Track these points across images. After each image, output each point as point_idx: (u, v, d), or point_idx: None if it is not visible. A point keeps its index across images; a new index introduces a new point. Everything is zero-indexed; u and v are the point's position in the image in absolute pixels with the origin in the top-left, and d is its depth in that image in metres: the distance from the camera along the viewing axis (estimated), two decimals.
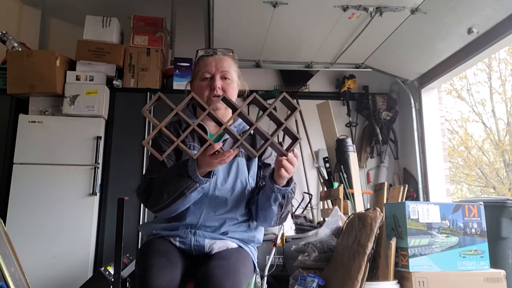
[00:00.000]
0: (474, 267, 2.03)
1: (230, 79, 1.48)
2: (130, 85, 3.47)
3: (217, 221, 1.44)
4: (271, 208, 1.37)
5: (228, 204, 1.44)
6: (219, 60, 1.48)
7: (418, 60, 3.57)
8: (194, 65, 1.57)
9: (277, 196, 1.34)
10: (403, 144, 4.28)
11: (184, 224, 1.43)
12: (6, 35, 3.34)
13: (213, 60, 1.48)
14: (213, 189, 1.42)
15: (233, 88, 1.48)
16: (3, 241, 2.18)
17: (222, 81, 1.46)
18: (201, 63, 1.50)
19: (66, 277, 3.01)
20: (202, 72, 1.48)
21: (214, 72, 1.46)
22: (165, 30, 3.67)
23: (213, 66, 1.47)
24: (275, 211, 1.38)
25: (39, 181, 3.14)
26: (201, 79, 1.48)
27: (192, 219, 1.42)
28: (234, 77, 1.50)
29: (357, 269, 2.00)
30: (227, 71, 1.47)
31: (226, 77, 1.47)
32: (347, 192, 3.35)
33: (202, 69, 1.49)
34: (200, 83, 1.48)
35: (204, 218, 1.43)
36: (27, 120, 3.24)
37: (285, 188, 1.33)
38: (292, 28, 3.12)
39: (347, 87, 4.22)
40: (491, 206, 2.51)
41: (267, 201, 1.36)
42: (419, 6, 2.71)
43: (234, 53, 1.55)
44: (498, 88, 8.57)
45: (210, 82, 1.46)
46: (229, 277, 1.23)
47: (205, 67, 1.48)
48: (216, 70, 1.46)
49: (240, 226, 1.48)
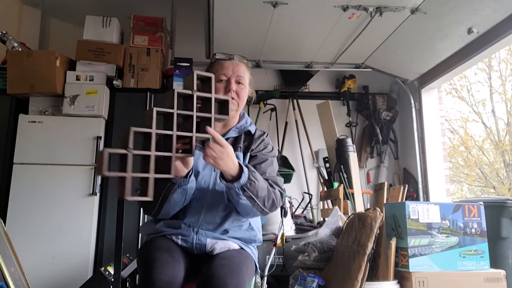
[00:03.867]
0: (474, 267, 2.03)
1: (244, 84, 1.56)
2: (130, 85, 3.46)
3: (218, 218, 1.45)
4: (241, 203, 1.35)
5: (228, 200, 1.44)
6: (235, 65, 1.56)
7: (418, 60, 3.57)
8: (208, 66, 1.62)
9: (236, 191, 1.32)
10: (403, 144, 4.28)
11: (186, 222, 1.44)
12: (6, 35, 3.33)
13: (230, 64, 1.55)
14: (213, 185, 1.45)
15: (245, 93, 1.56)
16: (3, 241, 2.18)
17: (236, 85, 1.53)
18: (217, 66, 1.56)
19: (66, 277, 3.01)
20: (218, 74, 1.53)
21: (230, 75, 1.53)
22: (165, 30, 3.67)
23: (229, 70, 1.53)
24: (247, 204, 1.35)
25: (39, 181, 3.14)
26: (217, 80, 1.52)
27: (193, 216, 1.44)
28: (246, 83, 1.58)
29: (357, 269, 2.00)
30: (242, 76, 1.55)
31: (240, 82, 1.55)
32: (347, 192, 3.35)
33: (218, 71, 1.54)
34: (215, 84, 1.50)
35: (205, 214, 1.44)
36: (27, 120, 3.24)
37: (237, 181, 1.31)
38: (292, 28, 3.12)
39: (347, 87, 4.22)
40: (491, 206, 2.51)
41: (232, 198, 1.37)
42: (419, 6, 2.71)
43: (249, 62, 1.65)
44: (498, 88, 8.58)
45: (226, 84, 1.52)
46: (233, 277, 1.23)
47: (222, 70, 1.54)
48: (232, 74, 1.53)
49: (241, 224, 1.49)
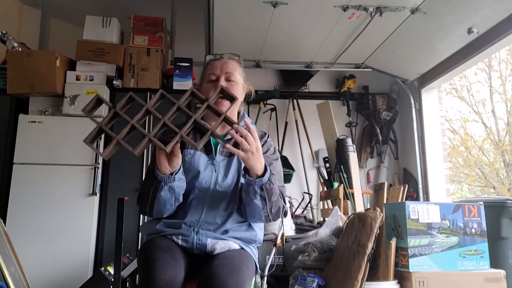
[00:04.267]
0: (474, 267, 2.03)
1: (235, 80, 1.52)
2: (130, 85, 3.46)
3: (219, 218, 1.45)
4: (254, 203, 1.36)
5: (229, 200, 1.45)
6: (224, 63, 1.53)
7: (418, 60, 3.57)
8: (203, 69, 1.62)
9: (255, 189, 1.33)
10: (403, 144, 4.28)
11: (186, 222, 1.44)
12: (6, 35, 3.34)
13: (219, 63, 1.53)
14: (213, 185, 1.45)
15: (237, 89, 1.51)
16: (3, 241, 2.18)
17: (226, 82, 1.50)
18: (208, 67, 1.56)
19: (66, 277, 3.01)
20: (208, 75, 1.54)
21: (219, 74, 1.51)
22: (165, 30, 3.67)
23: (218, 69, 1.52)
24: (259, 205, 1.36)
25: (39, 181, 3.14)
26: (207, 81, 1.53)
27: (194, 215, 1.44)
28: (238, 79, 1.54)
29: (357, 269, 2.00)
30: (231, 73, 1.52)
31: (230, 79, 1.51)
32: (347, 192, 3.35)
33: (208, 72, 1.54)
34: (206, 85, 1.54)
35: (206, 215, 1.44)
36: (27, 120, 3.24)
37: (260, 179, 1.32)
38: (292, 28, 3.12)
39: (347, 87, 4.23)
40: (491, 206, 2.51)
41: (247, 195, 1.37)
42: (419, 6, 2.71)
43: (240, 58, 1.60)
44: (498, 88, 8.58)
45: (215, 84, 1.50)
46: (233, 277, 1.23)
47: (211, 70, 1.53)
48: (221, 72, 1.51)
49: (242, 224, 1.48)
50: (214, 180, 1.45)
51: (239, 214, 1.47)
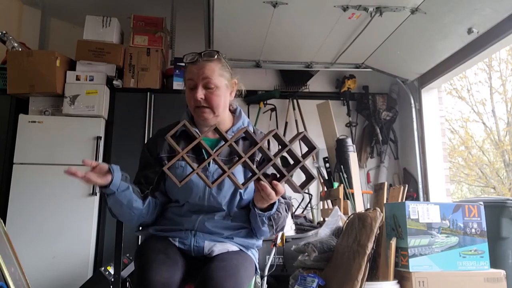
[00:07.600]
0: (474, 267, 2.03)
1: (214, 86, 1.42)
2: (130, 85, 3.46)
3: (216, 228, 1.42)
4: (261, 229, 1.40)
5: (226, 211, 1.43)
6: (201, 67, 1.42)
7: (418, 60, 3.57)
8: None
9: (263, 220, 1.35)
10: (403, 144, 4.28)
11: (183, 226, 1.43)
12: (6, 35, 3.33)
13: (195, 68, 1.43)
14: (208, 197, 1.41)
15: (217, 96, 1.42)
16: (3, 241, 2.18)
17: (205, 90, 1.42)
18: (187, 71, 1.47)
19: (66, 277, 3.01)
20: (187, 80, 1.47)
21: (196, 80, 1.42)
22: (165, 30, 3.67)
23: (194, 74, 1.43)
24: (267, 231, 1.41)
25: (39, 181, 3.14)
26: (188, 87, 1.46)
27: (188, 226, 1.42)
28: (218, 83, 1.43)
29: (357, 269, 2.00)
30: (209, 78, 1.41)
31: (208, 86, 1.42)
32: (347, 192, 3.35)
33: (187, 77, 1.47)
34: (187, 92, 1.47)
35: (201, 224, 1.41)
36: (27, 120, 3.23)
37: (268, 212, 1.33)
38: (292, 28, 3.12)
39: (347, 87, 4.22)
40: (491, 206, 2.51)
41: (255, 223, 1.39)
42: (419, 6, 2.71)
43: (220, 55, 1.47)
44: (499, 88, 8.58)
45: (193, 93, 1.43)
46: (230, 279, 1.22)
47: (189, 75, 1.45)
48: (198, 78, 1.42)
49: (240, 232, 1.46)
50: (208, 192, 1.41)
51: (237, 221, 1.45)
